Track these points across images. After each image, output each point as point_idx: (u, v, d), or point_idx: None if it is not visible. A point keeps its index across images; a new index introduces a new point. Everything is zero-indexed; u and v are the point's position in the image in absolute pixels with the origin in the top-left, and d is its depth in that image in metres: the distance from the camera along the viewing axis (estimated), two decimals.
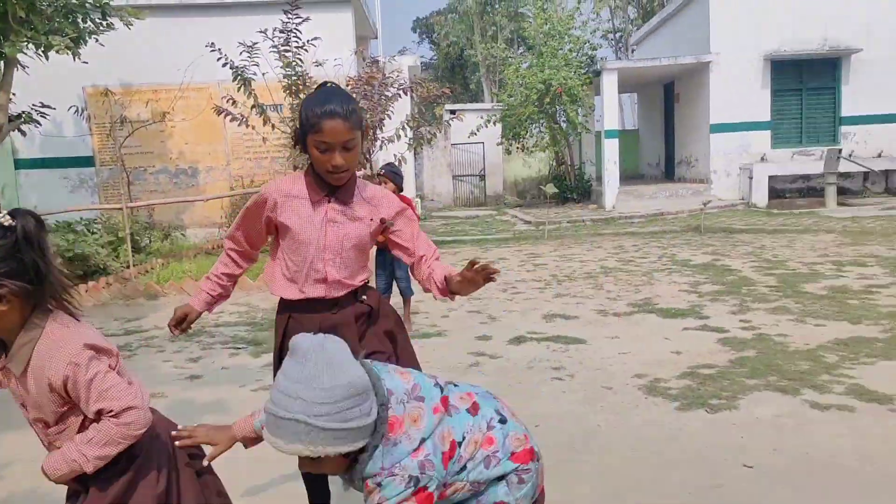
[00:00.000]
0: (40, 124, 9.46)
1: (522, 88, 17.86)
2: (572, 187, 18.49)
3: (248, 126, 10.84)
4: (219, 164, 13.15)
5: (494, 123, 19.29)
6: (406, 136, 11.62)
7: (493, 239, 13.05)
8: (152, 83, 12.53)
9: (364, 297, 2.45)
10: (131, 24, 9.04)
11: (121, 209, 9.35)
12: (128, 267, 9.04)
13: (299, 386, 1.55)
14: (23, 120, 9.19)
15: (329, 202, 2.33)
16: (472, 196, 23.09)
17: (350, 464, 1.66)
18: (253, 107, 10.79)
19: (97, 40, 8.99)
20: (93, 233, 9.75)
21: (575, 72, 17.46)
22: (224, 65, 10.52)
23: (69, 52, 8.44)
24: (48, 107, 9.24)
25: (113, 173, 12.84)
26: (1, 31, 7.96)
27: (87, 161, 13.00)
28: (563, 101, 17.50)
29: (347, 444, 1.58)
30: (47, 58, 8.55)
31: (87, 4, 8.53)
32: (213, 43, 10.37)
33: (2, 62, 8.51)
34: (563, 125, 18.70)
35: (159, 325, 6.98)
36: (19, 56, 8.47)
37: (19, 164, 12.92)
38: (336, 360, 1.58)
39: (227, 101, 10.78)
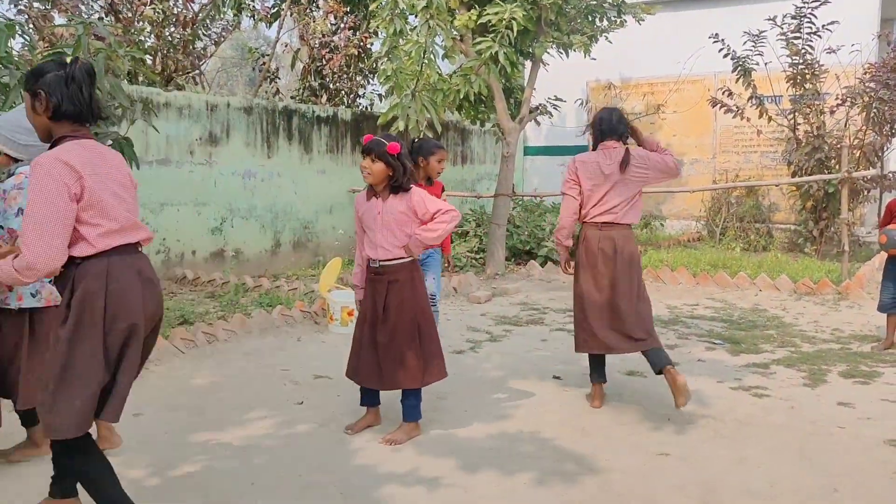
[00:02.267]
0: (552, 115, 10.62)
1: None
2: None
3: (742, 118, 10.49)
4: (704, 157, 13.03)
5: None
6: None
7: None
8: (650, 76, 12.99)
9: None
10: (643, 20, 9.47)
11: None
12: None
13: None
14: (539, 111, 10.44)
15: None
16: None
17: None
18: (750, 98, 10.39)
19: (607, 37, 9.68)
20: None
21: None
22: (725, 55, 10.33)
23: (583, 50, 9.26)
24: (560, 100, 10.32)
25: None
26: (532, 33, 9.12)
27: (582, 150, 14.17)
28: None
29: None
30: (567, 55, 9.53)
31: (605, 4, 9.22)
32: (716, 34, 10.27)
33: (529, 61, 9.77)
34: None
35: None
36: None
37: (528, 150, 14.76)
38: None
39: (723, 93, 10.58)
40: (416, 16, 8.14)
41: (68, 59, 2.48)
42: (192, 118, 8.25)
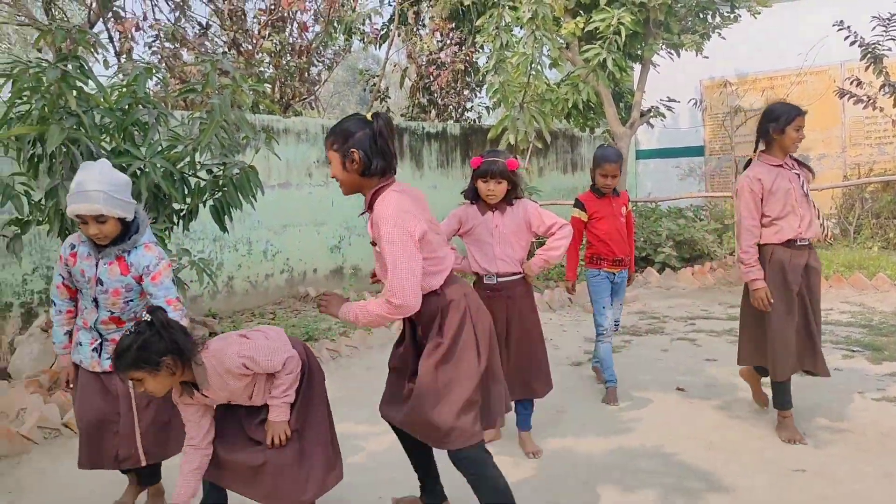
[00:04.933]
0: (665, 117, 10.34)
1: None
2: None
3: (874, 108, 9.80)
4: (833, 152, 12.25)
5: None
6: None
7: None
8: (769, 71, 12.37)
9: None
10: (758, 13, 9.07)
11: (728, 197, 9.56)
12: (731, 253, 9.23)
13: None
14: (651, 114, 10.19)
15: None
16: None
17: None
18: (882, 86, 9.69)
19: (720, 34, 9.34)
20: (700, 219, 10.25)
21: None
22: (852, 43, 9.70)
23: (695, 49, 8.98)
24: (673, 101, 10.02)
25: (720, 162, 13.23)
26: (641, 36, 8.94)
27: (697, 151, 13.68)
28: None
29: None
30: (678, 55, 9.26)
31: (716, 0, 8.89)
32: (841, 21, 9.66)
33: (639, 63, 9.57)
34: None
35: None
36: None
37: (640, 154, 14.41)
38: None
39: (851, 83, 9.92)
40: (521, 28, 8.18)
41: (369, 116, 2.58)
42: (309, 142, 8.64)
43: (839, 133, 12.16)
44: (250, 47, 8.55)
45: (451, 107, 11.64)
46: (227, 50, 8.66)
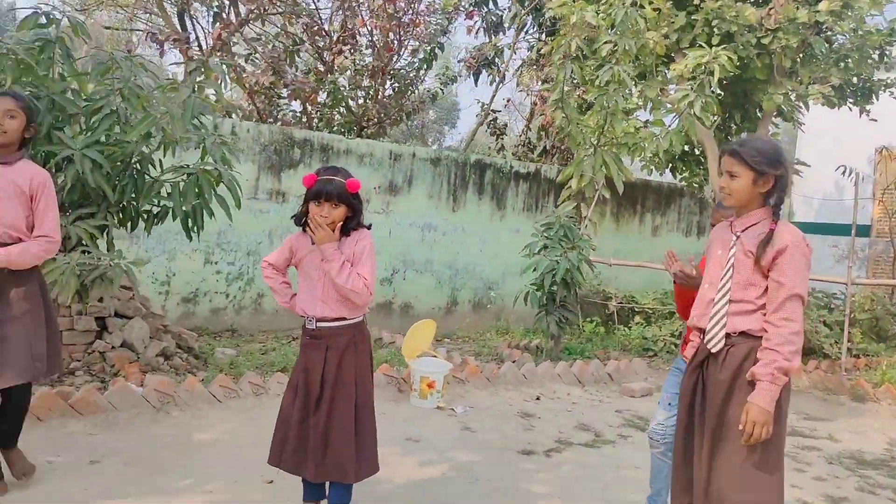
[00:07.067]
0: (792, 182, 8.72)
1: None
2: None
3: None
4: None
5: None
6: None
7: None
8: None
9: None
10: None
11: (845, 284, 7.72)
12: (841, 355, 7.43)
13: None
14: None
15: None
16: None
17: None
18: None
19: (892, 93, 7.71)
20: (828, 308, 8.45)
21: None
22: None
23: (826, 103, 7.45)
24: (803, 163, 8.40)
25: (888, 246, 11.02)
26: (762, 84, 7.57)
27: (863, 230, 11.52)
28: None
29: None
30: (808, 108, 7.76)
31: (867, 49, 7.25)
32: None
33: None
34: None
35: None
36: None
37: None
38: None
39: None
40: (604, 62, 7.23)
41: None
42: (372, 166, 8.23)
43: None
44: (329, 61, 8.37)
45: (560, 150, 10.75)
46: (310, 69, 8.58)
